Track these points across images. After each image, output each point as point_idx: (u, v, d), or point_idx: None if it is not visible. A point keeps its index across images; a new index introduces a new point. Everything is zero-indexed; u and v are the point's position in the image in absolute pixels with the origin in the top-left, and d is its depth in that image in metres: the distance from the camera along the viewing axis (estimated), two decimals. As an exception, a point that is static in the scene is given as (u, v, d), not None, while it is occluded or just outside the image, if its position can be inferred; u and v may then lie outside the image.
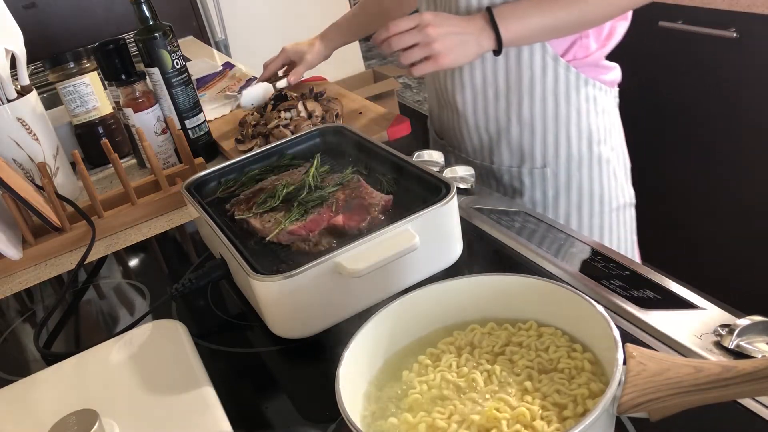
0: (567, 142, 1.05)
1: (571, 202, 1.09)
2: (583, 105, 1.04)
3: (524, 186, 1.10)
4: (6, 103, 1.10)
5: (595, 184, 1.08)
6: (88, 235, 1.01)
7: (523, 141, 1.07)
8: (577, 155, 1.06)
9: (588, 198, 1.09)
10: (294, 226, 0.75)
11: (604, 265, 0.75)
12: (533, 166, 1.08)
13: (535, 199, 1.10)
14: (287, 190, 0.81)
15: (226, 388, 0.63)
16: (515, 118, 1.05)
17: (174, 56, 1.13)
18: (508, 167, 1.10)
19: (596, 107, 1.05)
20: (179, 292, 0.76)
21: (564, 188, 1.09)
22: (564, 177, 1.08)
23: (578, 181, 1.08)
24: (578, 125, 1.04)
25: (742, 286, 1.86)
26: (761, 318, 0.59)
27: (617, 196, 1.11)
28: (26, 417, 0.61)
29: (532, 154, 1.07)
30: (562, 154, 1.06)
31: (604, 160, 1.08)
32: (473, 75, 1.05)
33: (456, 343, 0.57)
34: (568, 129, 1.04)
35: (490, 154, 1.11)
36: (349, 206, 0.76)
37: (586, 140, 1.06)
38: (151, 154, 1.06)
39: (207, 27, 2.54)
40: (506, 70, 1.02)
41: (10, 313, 0.91)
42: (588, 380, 0.50)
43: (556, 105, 1.03)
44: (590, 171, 1.07)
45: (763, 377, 0.41)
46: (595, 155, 1.07)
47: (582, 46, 1.01)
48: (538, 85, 1.02)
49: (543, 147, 1.06)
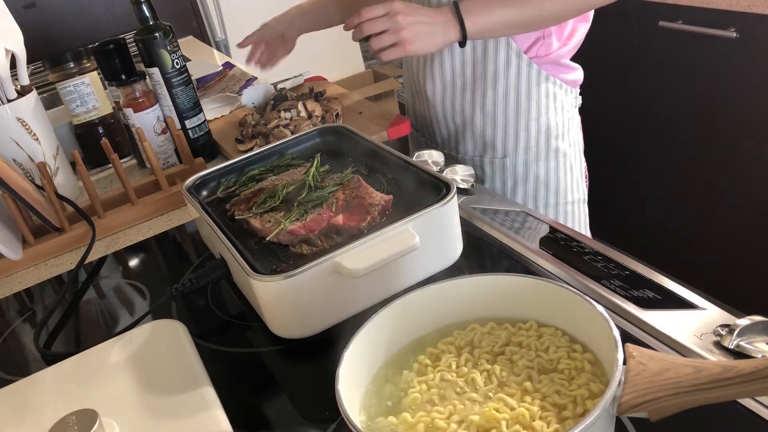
0: (526, 134, 1.11)
1: (528, 192, 1.15)
2: (543, 100, 1.09)
3: (485, 175, 1.17)
4: (6, 103, 1.10)
5: (551, 177, 1.14)
6: (88, 235, 1.01)
7: (485, 132, 1.13)
8: (535, 147, 1.12)
9: (544, 189, 1.15)
10: (294, 226, 0.75)
11: (604, 265, 0.75)
12: (494, 156, 1.14)
13: (495, 188, 1.16)
14: (287, 190, 0.81)
15: (226, 388, 0.63)
16: (479, 110, 1.11)
17: (174, 56, 1.13)
18: (472, 156, 1.17)
19: (555, 103, 1.10)
20: (179, 292, 0.76)
21: (522, 178, 1.15)
22: (522, 168, 1.14)
23: (535, 173, 1.14)
24: (537, 119, 1.10)
25: (742, 286, 1.86)
26: (761, 318, 0.59)
27: (572, 191, 1.17)
28: (26, 417, 0.61)
29: (493, 145, 1.13)
30: (521, 145, 1.12)
31: (561, 154, 1.13)
32: (443, 67, 1.10)
33: (456, 342, 0.57)
34: (528, 122, 1.10)
35: (456, 143, 1.18)
36: (349, 206, 0.76)
37: (544, 134, 1.11)
38: (151, 154, 1.06)
39: (207, 27, 2.54)
40: (473, 63, 1.08)
41: (10, 313, 0.91)
42: (588, 381, 0.50)
43: (517, 98, 1.09)
44: (547, 163, 1.13)
45: (763, 377, 0.41)
46: (552, 149, 1.12)
47: (545, 45, 1.06)
48: (501, 78, 1.07)
49: (504, 138, 1.12)
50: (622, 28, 1.87)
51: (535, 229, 0.85)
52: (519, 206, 0.93)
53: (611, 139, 2.02)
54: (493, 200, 0.94)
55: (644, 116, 1.93)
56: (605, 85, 1.95)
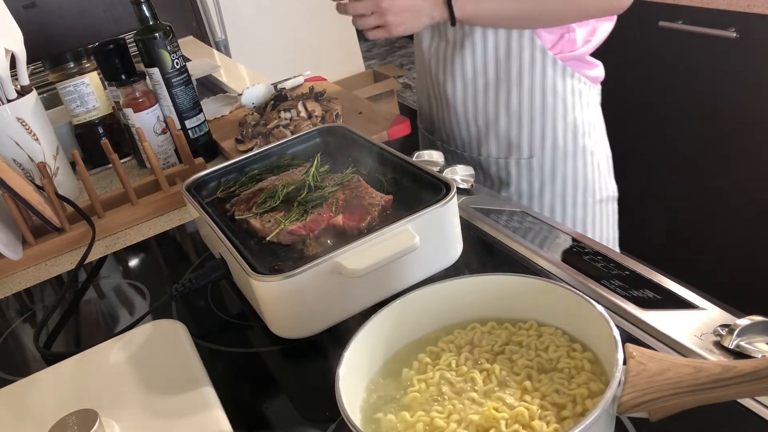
0: (553, 133, 1.09)
1: (556, 192, 1.13)
2: (569, 98, 1.07)
3: (511, 177, 1.14)
4: (6, 103, 1.10)
5: (579, 176, 1.12)
6: (88, 235, 1.01)
7: (510, 132, 1.10)
8: (562, 146, 1.10)
9: (572, 189, 1.12)
10: (294, 226, 0.75)
11: (604, 265, 0.75)
12: (520, 156, 1.12)
13: (521, 190, 1.14)
14: (287, 190, 0.81)
15: (226, 388, 0.63)
16: (503, 110, 1.09)
17: (174, 56, 1.13)
18: (496, 158, 1.14)
19: (581, 101, 1.08)
20: (179, 292, 0.76)
21: (549, 179, 1.12)
22: (549, 168, 1.11)
23: (563, 172, 1.11)
24: (564, 117, 1.08)
25: (742, 286, 1.86)
26: (761, 318, 0.59)
27: (600, 189, 1.14)
28: (26, 417, 0.61)
29: (519, 145, 1.11)
30: (548, 145, 1.09)
31: (588, 152, 1.11)
32: (464, 67, 1.08)
33: (456, 341, 0.57)
34: (555, 120, 1.08)
35: (478, 145, 1.15)
36: (349, 206, 0.76)
37: (571, 132, 1.09)
38: (151, 154, 1.06)
39: (207, 27, 2.54)
40: (496, 61, 1.06)
41: (10, 313, 0.91)
42: (587, 380, 0.50)
43: (543, 96, 1.06)
44: (575, 162, 1.11)
45: (763, 377, 0.41)
46: (579, 147, 1.10)
47: (569, 41, 1.05)
48: (526, 76, 1.05)
49: (530, 138, 1.10)
50: (622, 28, 1.87)
51: (535, 229, 0.85)
52: (519, 206, 0.93)
53: (611, 139, 2.01)
54: (493, 200, 0.94)
55: (644, 116, 1.93)
56: (605, 85, 1.94)
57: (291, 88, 1.41)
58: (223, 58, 2.03)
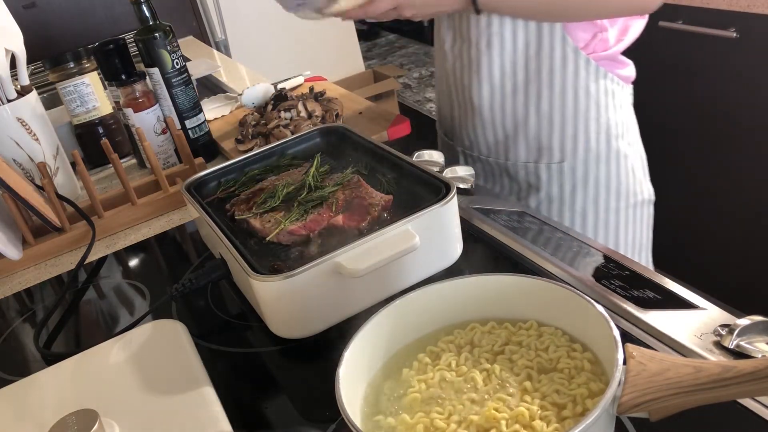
0: (585, 135, 1.04)
1: (588, 197, 1.08)
2: (602, 98, 1.03)
3: (541, 181, 1.09)
4: (6, 103, 1.10)
5: (613, 180, 1.07)
6: (88, 235, 1.01)
7: (541, 135, 1.05)
8: (595, 149, 1.05)
9: (605, 193, 1.07)
10: (294, 226, 0.75)
11: (604, 264, 0.75)
12: (551, 160, 1.07)
13: (552, 195, 1.09)
14: (287, 190, 0.81)
15: (226, 388, 0.63)
16: (533, 112, 1.04)
17: (174, 56, 1.13)
18: (525, 163, 1.09)
19: (614, 101, 1.04)
20: (179, 292, 0.76)
21: (581, 183, 1.07)
22: (581, 172, 1.06)
23: (596, 176, 1.06)
24: (597, 119, 1.03)
25: (742, 286, 1.86)
26: (761, 318, 0.59)
27: (635, 192, 1.09)
28: (26, 417, 0.61)
29: (549, 149, 1.06)
30: (581, 148, 1.05)
31: (622, 155, 1.06)
32: (492, 69, 1.03)
33: (456, 341, 0.57)
34: (587, 122, 1.03)
35: (505, 150, 1.10)
36: (349, 206, 0.76)
37: (604, 134, 1.04)
38: (151, 154, 1.06)
39: (207, 27, 2.54)
40: (525, 62, 1.01)
41: (10, 313, 0.91)
42: (588, 380, 0.50)
43: (575, 98, 1.02)
44: (608, 166, 1.06)
45: (763, 377, 0.41)
46: (613, 150, 1.05)
47: (602, 40, 1.01)
48: (557, 77, 1.01)
49: (561, 141, 1.05)
50: (622, 28, 1.87)
51: (534, 229, 0.85)
52: (519, 206, 0.93)
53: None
54: (493, 200, 0.94)
55: (643, 116, 1.92)
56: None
57: (291, 88, 1.41)
58: (223, 58, 2.03)
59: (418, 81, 4.31)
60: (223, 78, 1.77)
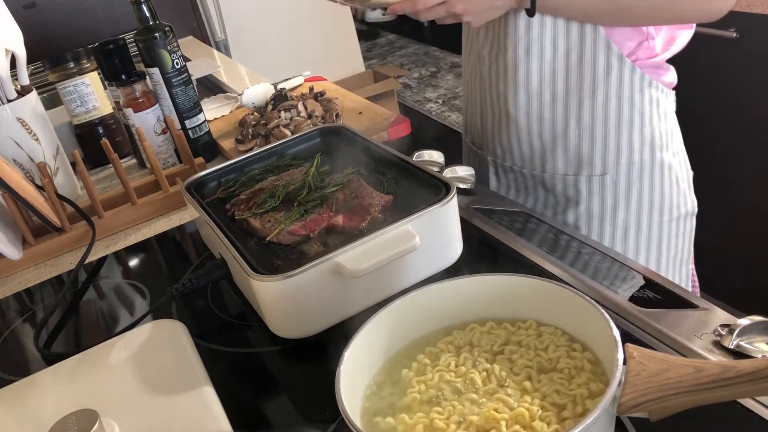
0: (629, 147, 0.99)
1: (630, 211, 1.03)
2: (647, 108, 0.98)
3: (580, 195, 1.03)
4: (6, 103, 1.10)
5: (656, 193, 1.02)
6: (88, 235, 1.01)
7: (581, 147, 1.00)
8: (639, 162, 1.00)
9: (648, 207, 1.02)
10: (294, 226, 0.75)
11: (604, 264, 0.75)
12: (591, 173, 1.01)
13: (592, 210, 1.03)
14: (287, 190, 0.81)
15: (226, 388, 0.63)
16: (574, 122, 0.99)
17: (174, 56, 1.13)
18: (563, 175, 1.03)
19: (658, 110, 1.00)
20: (179, 292, 0.76)
21: (624, 197, 1.02)
22: (624, 185, 1.01)
23: (639, 190, 1.01)
24: (641, 129, 0.98)
25: (742, 286, 1.86)
26: (761, 318, 0.59)
27: (678, 205, 1.05)
28: (26, 417, 0.61)
29: (591, 161, 1.00)
30: (624, 160, 0.99)
31: (666, 166, 1.01)
32: (529, 77, 0.98)
33: (455, 342, 0.57)
34: (631, 133, 0.98)
35: (542, 161, 1.04)
36: (349, 206, 0.76)
37: (648, 145, 0.99)
38: (151, 154, 1.06)
39: (207, 27, 2.54)
40: (566, 70, 0.96)
41: (10, 313, 0.91)
42: (588, 380, 0.50)
43: (619, 107, 0.97)
44: (652, 178, 1.01)
45: (763, 377, 0.41)
46: (657, 161, 1.00)
47: (647, 48, 0.97)
48: (600, 86, 0.96)
49: (603, 153, 0.99)
50: (622, 28, 1.87)
51: (535, 229, 0.85)
52: (519, 206, 0.93)
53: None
54: (493, 200, 0.94)
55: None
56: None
57: (291, 88, 1.41)
58: (223, 58, 2.03)
59: (418, 81, 4.31)
60: (223, 78, 1.77)
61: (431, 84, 4.21)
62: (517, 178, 1.09)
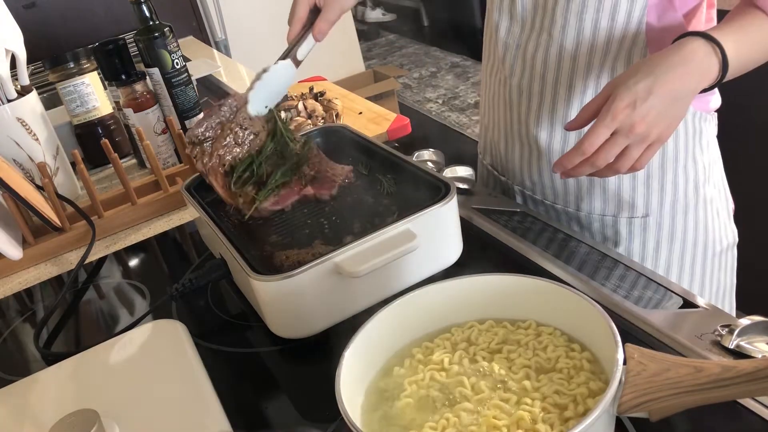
0: (673, 187, 0.91)
1: (674, 251, 0.95)
2: (691, 143, 0.90)
3: (620, 236, 0.95)
4: (6, 103, 1.10)
5: (700, 229, 0.95)
6: (88, 235, 1.01)
7: (621, 188, 0.92)
8: (683, 200, 0.92)
9: (692, 245, 0.95)
10: (268, 203, 0.78)
11: (604, 264, 0.75)
12: (633, 215, 0.93)
13: (632, 250, 0.95)
14: (263, 165, 0.81)
15: (226, 388, 0.63)
16: None
17: (174, 56, 1.13)
18: (601, 215, 0.95)
19: (701, 141, 0.91)
20: (179, 292, 0.76)
21: (667, 238, 0.94)
22: (668, 226, 0.93)
23: (683, 229, 0.94)
24: (685, 166, 0.91)
25: (742, 286, 1.86)
26: (761, 318, 0.59)
27: (720, 239, 0.98)
28: (26, 417, 0.61)
29: (632, 203, 0.92)
30: (667, 200, 0.92)
31: (708, 200, 0.94)
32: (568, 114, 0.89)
33: (452, 338, 0.57)
34: (675, 172, 0.90)
35: (577, 199, 0.96)
36: (315, 179, 0.81)
37: (692, 182, 0.92)
38: (151, 154, 1.06)
39: (207, 27, 2.54)
40: None
41: (10, 313, 0.91)
42: (587, 379, 0.50)
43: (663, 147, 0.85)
44: (696, 215, 0.94)
45: (763, 377, 0.41)
46: (700, 198, 0.93)
47: None
48: None
49: (646, 194, 0.92)
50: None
51: (535, 229, 0.85)
52: (519, 206, 0.93)
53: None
54: (493, 200, 0.94)
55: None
56: (605, 85, 1.94)
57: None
58: (223, 58, 2.03)
59: (418, 81, 4.32)
60: (223, 78, 1.77)
61: (431, 84, 4.21)
62: (548, 211, 1.01)
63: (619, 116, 0.68)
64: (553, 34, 0.85)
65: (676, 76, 0.69)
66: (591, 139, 0.69)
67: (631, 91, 0.68)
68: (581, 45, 0.84)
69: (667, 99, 0.69)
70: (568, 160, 0.71)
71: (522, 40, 0.90)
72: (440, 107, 3.83)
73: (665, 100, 0.68)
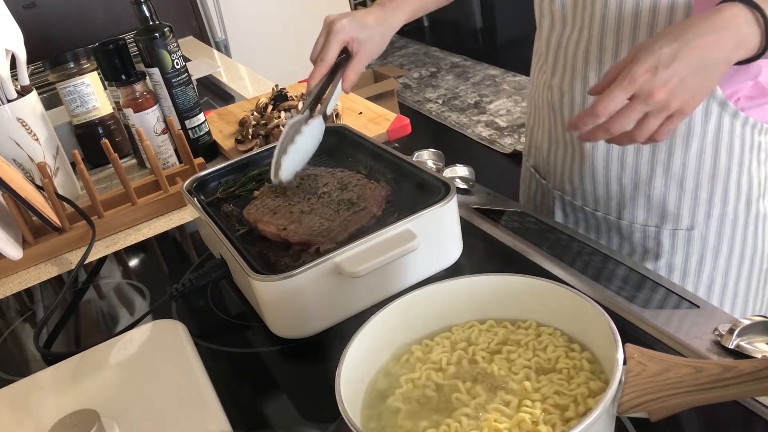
0: (723, 200, 0.86)
1: (718, 268, 0.91)
2: (746, 156, 0.84)
3: (662, 248, 0.90)
4: (6, 103, 1.10)
5: (748, 246, 0.90)
6: (88, 235, 1.01)
7: (667, 198, 0.87)
8: (732, 215, 0.87)
9: (737, 262, 0.91)
10: None
11: (604, 264, 0.75)
12: (677, 227, 0.89)
13: (673, 264, 0.91)
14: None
15: (226, 388, 0.63)
16: (661, 171, 0.86)
17: (174, 56, 1.13)
18: (643, 225, 0.91)
19: (759, 155, 0.85)
20: (179, 292, 0.76)
21: (711, 253, 0.90)
22: (714, 241, 0.89)
23: (729, 244, 0.89)
24: (738, 180, 0.85)
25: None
26: (761, 318, 0.59)
27: None
28: (26, 417, 0.61)
29: (677, 215, 0.88)
30: (715, 214, 0.87)
31: (761, 217, 0.89)
32: None
33: (452, 338, 0.57)
34: (726, 185, 0.85)
35: (619, 207, 0.92)
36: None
37: (744, 197, 0.87)
38: (151, 154, 1.06)
39: (207, 27, 2.54)
40: None
41: (10, 313, 0.91)
42: (587, 379, 0.50)
43: (715, 157, 0.83)
44: (745, 232, 0.89)
45: (763, 377, 0.41)
46: (752, 214, 0.88)
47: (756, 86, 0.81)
48: (696, 134, 0.82)
49: (693, 207, 0.87)
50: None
51: (535, 229, 0.85)
52: (519, 206, 0.93)
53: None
54: (493, 200, 0.94)
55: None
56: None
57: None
58: (223, 58, 2.03)
59: (418, 81, 4.32)
60: (223, 78, 1.77)
61: (431, 84, 4.21)
62: (588, 219, 0.98)
63: (637, 80, 0.62)
64: (593, 30, 0.81)
65: (706, 43, 0.62)
66: (605, 102, 0.63)
67: (655, 55, 0.62)
68: (622, 38, 0.79)
69: (693, 66, 0.62)
70: (581, 121, 0.65)
71: (563, 38, 0.87)
72: (440, 107, 3.83)
73: (690, 68, 0.62)
